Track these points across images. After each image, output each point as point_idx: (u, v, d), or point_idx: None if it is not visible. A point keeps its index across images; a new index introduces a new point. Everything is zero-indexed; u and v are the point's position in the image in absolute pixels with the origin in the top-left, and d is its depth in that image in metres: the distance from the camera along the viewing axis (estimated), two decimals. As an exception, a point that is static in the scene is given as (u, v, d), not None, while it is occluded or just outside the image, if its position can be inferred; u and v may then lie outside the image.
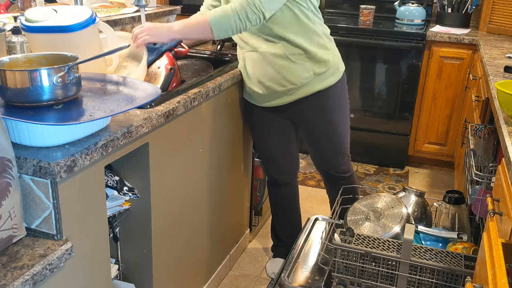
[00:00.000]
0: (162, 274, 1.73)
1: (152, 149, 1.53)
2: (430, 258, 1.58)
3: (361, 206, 1.87)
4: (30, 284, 1.05)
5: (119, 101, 1.27)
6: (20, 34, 1.70)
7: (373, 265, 1.60)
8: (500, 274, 1.00)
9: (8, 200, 1.08)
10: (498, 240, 1.13)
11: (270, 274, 2.34)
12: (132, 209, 1.60)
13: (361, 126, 3.50)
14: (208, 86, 1.83)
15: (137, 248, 1.66)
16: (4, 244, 1.10)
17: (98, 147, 1.22)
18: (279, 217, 2.38)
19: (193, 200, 1.89)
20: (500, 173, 1.33)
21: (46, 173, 1.12)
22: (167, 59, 1.80)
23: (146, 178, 1.56)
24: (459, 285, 1.51)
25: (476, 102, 2.53)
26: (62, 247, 1.16)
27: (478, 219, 1.64)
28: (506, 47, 2.87)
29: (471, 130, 2.02)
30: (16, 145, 1.17)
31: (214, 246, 2.18)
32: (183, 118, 1.70)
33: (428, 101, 3.35)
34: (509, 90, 1.45)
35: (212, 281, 2.20)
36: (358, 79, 3.43)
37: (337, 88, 2.01)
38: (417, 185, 3.29)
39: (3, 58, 1.28)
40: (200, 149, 1.87)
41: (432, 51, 3.24)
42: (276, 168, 2.24)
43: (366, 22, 3.49)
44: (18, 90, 1.18)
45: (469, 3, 3.43)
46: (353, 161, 3.60)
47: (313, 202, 3.03)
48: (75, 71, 1.24)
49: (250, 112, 2.15)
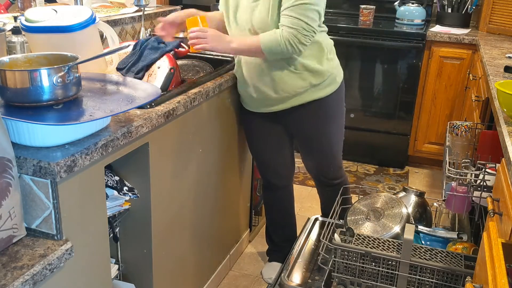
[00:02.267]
0: (162, 274, 1.74)
1: (152, 149, 1.53)
2: (430, 258, 1.58)
3: (361, 206, 1.87)
4: (30, 284, 1.05)
5: (119, 101, 1.27)
6: (20, 34, 1.70)
7: (373, 265, 1.60)
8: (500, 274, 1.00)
9: (8, 200, 1.08)
10: (498, 240, 1.13)
11: (267, 279, 2.33)
12: (132, 209, 1.60)
13: (361, 126, 3.50)
14: (208, 86, 1.83)
15: (137, 248, 1.66)
16: (4, 244, 1.10)
17: (98, 147, 1.22)
18: (274, 221, 2.37)
19: (193, 200, 1.89)
20: (500, 173, 1.33)
21: (46, 173, 1.12)
22: (167, 59, 1.79)
23: (146, 178, 1.56)
24: (459, 285, 1.51)
25: (476, 102, 2.53)
26: (62, 247, 1.16)
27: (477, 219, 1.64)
28: (506, 47, 2.87)
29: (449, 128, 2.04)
30: (16, 145, 1.17)
31: (214, 246, 2.18)
32: (183, 118, 1.70)
33: (428, 101, 3.35)
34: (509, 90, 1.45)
35: (212, 281, 2.20)
36: (358, 79, 3.43)
37: (332, 98, 1.98)
38: (417, 185, 3.28)
39: (3, 58, 1.28)
40: (200, 149, 1.87)
41: (432, 51, 3.24)
42: (271, 173, 2.23)
43: (366, 22, 3.49)
44: (18, 90, 1.18)
45: (469, 3, 3.43)
46: (353, 161, 3.64)
47: (313, 202, 3.03)
48: (75, 71, 1.24)
49: (245, 118, 2.14)
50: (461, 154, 1.99)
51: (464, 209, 1.65)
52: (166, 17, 1.96)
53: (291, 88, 1.91)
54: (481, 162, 1.62)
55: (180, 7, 3.06)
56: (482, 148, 1.86)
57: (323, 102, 1.96)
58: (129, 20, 2.52)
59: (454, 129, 2.02)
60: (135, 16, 2.56)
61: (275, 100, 1.95)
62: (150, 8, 2.79)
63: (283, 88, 1.91)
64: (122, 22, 2.47)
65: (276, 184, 2.25)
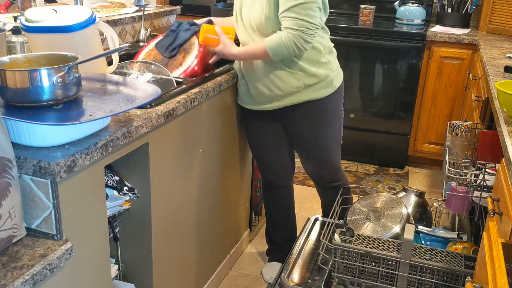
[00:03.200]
0: (162, 274, 1.73)
1: (152, 149, 1.53)
2: (430, 258, 1.58)
3: (361, 206, 1.87)
4: (30, 284, 1.05)
5: (119, 101, 1.27)
6: (20, 34, 1.70)
7: (373, 265, 1.60)
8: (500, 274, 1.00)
9: (8, 200, 1.08)
10: (498, 240, 1.13)
11: (267, 279, 2.33)
12: (132, 209, 1.60)
13: (361, 126, 3.50)
14: (208, 86, 1.83)
15: (137, 248, 1.65)
16: (4, 244, 1.10)
17: (98, 147, 1.22)
18: (273, 221, 2.37)
19: (193, 200, 1.89)
20: (500, 173, 1.33)
21: (46, 173, 1.12)
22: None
23: (146, 178, 1.55)
24: (459, 285, 1.51)
25: (476, 102, 2.53)
26: (62, 247, 1.16)
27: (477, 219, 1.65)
28: (506, 47, 2.87)
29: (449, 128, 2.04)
30: (16, 145, 1.17)
31: (214, 246, 2.18)
32: (183, 118, 1.70)
33: (428, 101, 3.35)
34: (509, 90, 1.45)
35: (212, 281, 2.20)
36: (358, 79, 3.44)
37: (328, 102, 1.97)
38: (417, 185, 3.28)
39: (3, 58, 1.28)
40: (200, 149, 1.87)
41: (432, 51, 3.24)
42: (272, 172, 2.23)
43: (366, 22, 3.49)
44: (18, 90, 1.18)
45: (469, 3, 3.43)
46: (353, 161, 3.64)
47: (313, 202, 3.03)
48: (75, 71, 1.24)
49: (245, 118, 2.16)
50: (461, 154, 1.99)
51: (464, 209, 1.65)
52: None
53: (285, 87, 1.92)
54: (481, 162, 1.62)
55: (180, 7, 3.06)
56: (482, 148, 1.86)
57: (317, 104, 1.96)
58: (129, 20, 2.52)
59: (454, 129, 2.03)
60: (135, 16, 2.56)
61: (269, 97, 1.96)
62: (150, 8, 2.79)
63: (278, 86, 1.92)
64: (122, 22, 2.46)
65: (276, 183, 2.26)
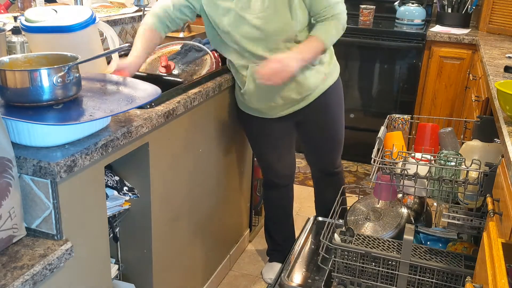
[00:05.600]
0: (162, 274, 1.74)
1: (152, 149, 1.53)
2: (430, 258, 1.58)
3: (361, 206, 1.87)
4: (30, 284, 1.05)
5: (119, 101, 1.27)
6: (20, 34, 1.70)
7: (373, 265, 1.60)
8: (500, 274, 1.00)
9: (8, 200, 1.08)
10: (498, 240, 1.13)
11: (267, 280, 2.33)
12: (132, 209, 1.60)
13: (361, 126, 3.50)
14: (208, 86, 1.83)
15: (137, 248, 1.66)
16: (4, 244, 1.10)
17: (98, 147, 1.22)
18: (273, 220, 2.37)
19: (193, 200, 1.89)
20: (500, 173, 1.33)
21: (46, 173, 1.12)
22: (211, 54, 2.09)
23: (146, 178, 1.56)
24: (459, 285, 1.51)
25: (476, 102, 2.53)
26: (62, 247, 1.16)
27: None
28: (506, 47, 2.87)
29: (388, 120, 2.08)
30: (16, 145, 1.17)
31: (214, 246, 2.18)
32: (183, 118, 1.70)
33: (428, 101, 3.35)
34: (509, 90, 1.45)
35: (212, 281, 2.20)
36: (358, 79, 3.43)
37: (337, 85, 2.06)
38: (417, 185, 3.28)
39: (3, 58, 1.28)
40: (200, 149, 1.87)
41: (432, 51, 3.24)
42: (274, 172, 2.23)
43: (366, 22, 3.49)
44: (18, 90, 1.18)
45: (469, 3, 3.43)
46: (353, 161, 3.63)
47: (313, 202, 3.02)
48: (75, 71, 1.24)
49: (246, 119, 2.09)
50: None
51: (389, 197, 1.71)
52: None
53: (313, 84, 1.94)
54: (408, 152, 1.72)
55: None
56: (419, 140, 1.94)
57: (331, 91, 2.01)
58: (129, 20, 2.52)
59: (392, 122, 2.08)
60: (135, 16, 2.56)
61: (298, 100, 1.97)
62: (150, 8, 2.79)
63: (305, 86, 1.92)
64: (122, 22, 2.47)
65: (278, 183, 2.26)
